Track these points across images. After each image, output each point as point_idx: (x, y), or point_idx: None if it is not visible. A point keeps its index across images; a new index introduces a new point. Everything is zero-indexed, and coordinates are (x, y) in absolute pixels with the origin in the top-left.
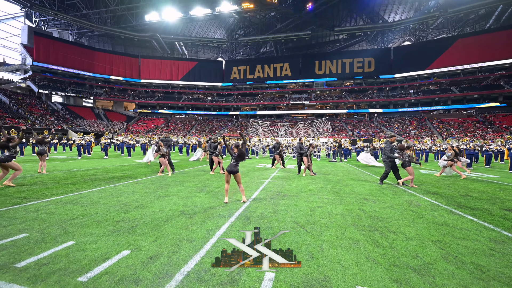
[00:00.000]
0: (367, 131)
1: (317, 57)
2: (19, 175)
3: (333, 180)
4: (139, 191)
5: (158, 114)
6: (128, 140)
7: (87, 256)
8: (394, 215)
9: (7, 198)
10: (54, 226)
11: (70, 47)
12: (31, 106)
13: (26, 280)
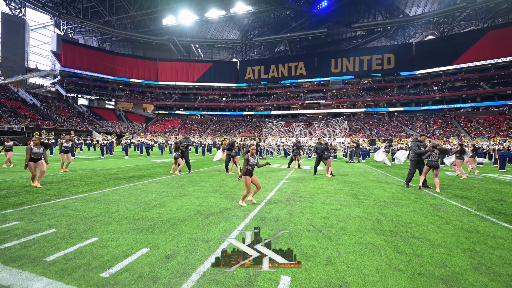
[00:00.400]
0: (386, 130)
1: (333, 55)
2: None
3: (350, 181)
4: (157, 190)
5: (175, 115)
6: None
7: (109, 252)
8: (418, 220)
9: (39, 195)
10: (79, 222)
11: (94, 53)
12: (60, 108)
13: (54, 274)
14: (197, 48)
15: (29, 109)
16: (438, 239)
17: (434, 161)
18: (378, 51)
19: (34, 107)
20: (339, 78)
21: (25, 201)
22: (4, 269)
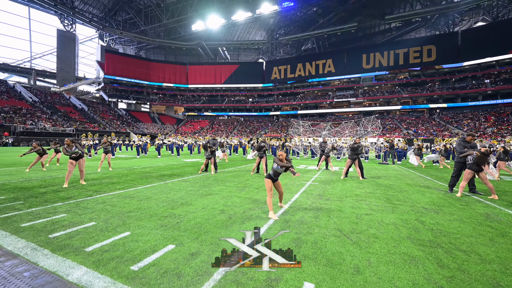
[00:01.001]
0: (426, 129)
1: (365, 50)
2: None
3: (383, 184)
4: (185, 188)
5: (203, 116)
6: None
7: (139, 247)
8: (464, 230)
9: (83, 190)
10: (115, 217)
11: (131, 60)
12: (103, 112)
13: (91, 264)
14: (224, 51)
15: (79, 113)
16: (490, 253)
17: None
18: (416, 42)
19: (82, 111)
20: (371, 74)
21: (72, 196)
22: (52, 256)
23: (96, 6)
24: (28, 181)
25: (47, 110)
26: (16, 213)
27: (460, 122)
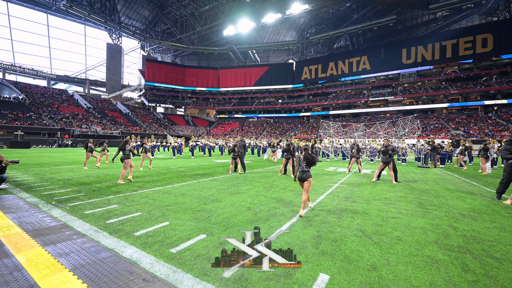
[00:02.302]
0: (480, 129)
1: (405, 43)
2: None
3: (418, 189)
4: (216, 187)
5: (234, 118)
6: (209, 142)
7: (176, 234)
8: (503, 238)
9: (130, 186)
10: (156, 209)
11: (168, 67)
12: (143, 116)
13: (139, 245)
14: (254, 53)
15: (123, 117)
16: None
17: None
18: (467, 32)
19: (126, 115)
20: (413, 70)
21: (121, 190)
22: (110, 237)
23: (138, 20)
24: (86, 177)
25: (98, 115)
26: (80, 203)
27: None
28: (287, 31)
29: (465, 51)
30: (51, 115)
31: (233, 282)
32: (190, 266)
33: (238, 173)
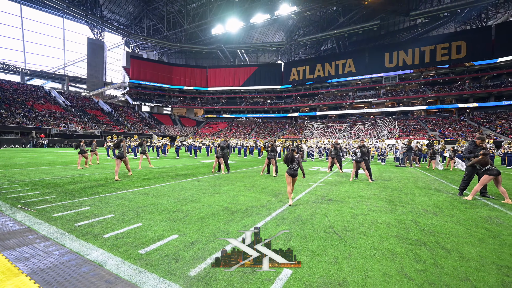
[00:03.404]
0: (454, 130)
1: (387, 48)
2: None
3: (391, 187)
4: (196, 187)
5: (222, 118)
6: (195, 142)
7: (148, 235)
8: (457, 231)
9: (106, 187)
10: (131, 210)
11: (154, 65)
12: (128, 115)
13: (107, 247)
14: (243, 53)
15: (106, 116)
16: (472, 252)
17: (493, 169)
18: (444, 39)
19: (109, 114)
20: (395, 73)
21: (96, 192)
22: (76, 240)
23: (122, 15)
24: (59, 179)
25: (78, 113)
26: (49, 206)
27: (493, 122)
28: (275, 32)
29: (441, 56)
30: (25, 112)
31: (197, 280)
32: (156, 266)
33: (222, 173)
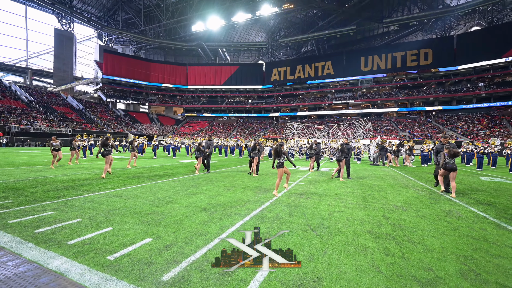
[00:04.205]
0: (422, 131)
1: (363, 52)
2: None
3: (366, 184)
4: (174, 188)
5: (203, 117)
6: (174, 142)
7: (118, 240)
8: (422, 224)
9: (74, 190)
10: (100, 214)
11: (130, 60)
12: (101, 112)
13: (71, 254)
14: (224, 52)
15: (76, 113)
16: (435, 244)
17: (450, 163)
18: (413, 46)
19: (79, 111)
20: (370, 77)
21: (61, 195)
22: (35, 248)
23: (94, 6)
24: (19, 182)
25: (43, 109)
26: (4, 211)
27: (455, 124)
28: (257, 32)
29: (411, 62)
30: None
31: (171, 285)
32: (126, 273)
33: (201, 173)
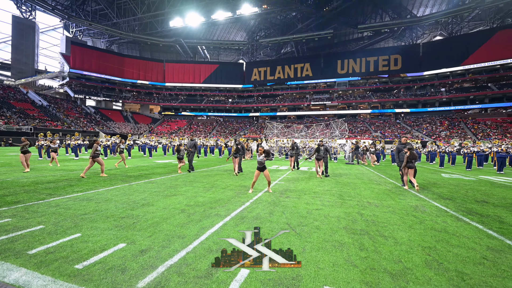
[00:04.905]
0: (392, 132)
1: (340, 56)
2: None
3: (342, 182)
4: (150, 190)
5: (181, 116)
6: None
7: (88, 247)
8: (392, 219)
9: (35, 194)
10: (67, 220)
11: (102, 54)
12: (68, 110)
13: (32, 265)
14: (204, 50)
15: (38, 110)
16: (404, 237)
17: (411, 163)
18: (385, 52)
19: (43, 108)
20: (345, 79)
21: (21, 200)
22: None
23: None
24: None
25: None
26: None
27: (420, 126)
28: (237, 31)
29: (383, 67)
30: None
31: None
32: (97, 282)
33: (179, 173)
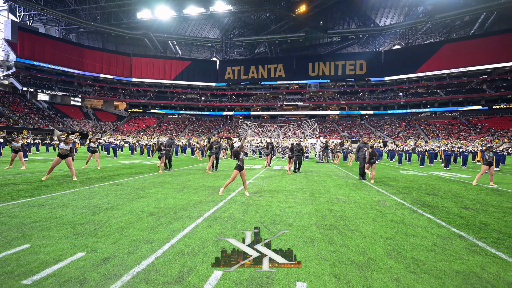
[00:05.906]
0: (358, 132)
1: (311, 58)
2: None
3: (313, 180)
4: (114, 192)
5: (150, 114)
6: (115, 140)
7: (39, 259)
8: (358, 214)
9: None
10: (13, 229)
11: (57, 44)
12: (14, 104)
13: None
14: (175, 45)
15: None
16: (368, 230)
17: (372, 160)
18: (351, 57)
19: None
20: (316, 82)
21: None
22: None
23: None
24: None
25: None
26: None
27: (382, 127)
28: (211, 28)
29: (350, 71)
30: None
31: None
32: None
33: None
